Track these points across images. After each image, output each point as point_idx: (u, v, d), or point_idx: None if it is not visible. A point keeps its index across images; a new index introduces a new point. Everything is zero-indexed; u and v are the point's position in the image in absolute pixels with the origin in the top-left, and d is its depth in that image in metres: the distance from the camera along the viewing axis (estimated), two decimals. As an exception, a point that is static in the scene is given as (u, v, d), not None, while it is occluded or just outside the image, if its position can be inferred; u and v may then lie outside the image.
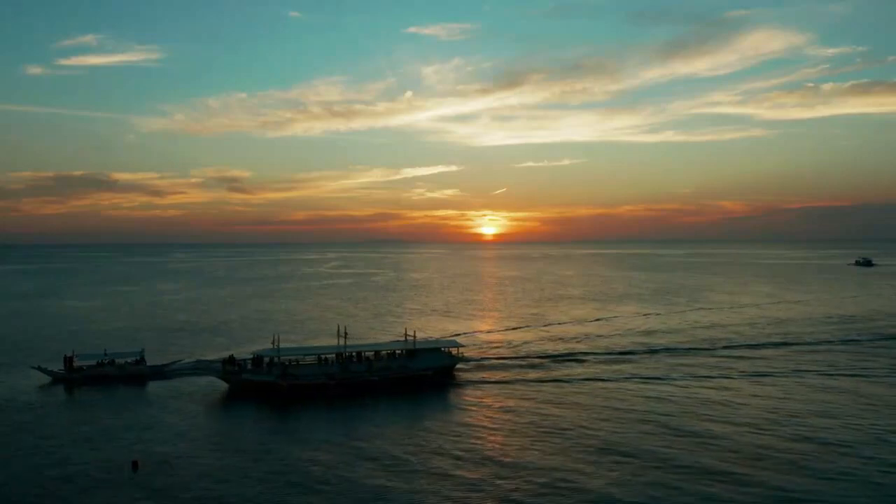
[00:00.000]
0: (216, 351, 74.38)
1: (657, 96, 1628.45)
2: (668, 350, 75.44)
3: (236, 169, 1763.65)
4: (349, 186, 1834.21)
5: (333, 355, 60.49)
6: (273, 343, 61.14)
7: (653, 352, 74.33)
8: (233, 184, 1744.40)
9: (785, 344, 78.27)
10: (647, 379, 60.34)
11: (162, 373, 62.52)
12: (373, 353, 61.84)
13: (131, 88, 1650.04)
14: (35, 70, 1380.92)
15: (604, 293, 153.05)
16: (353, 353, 60.57)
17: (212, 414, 50.85)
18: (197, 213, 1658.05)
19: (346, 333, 61.69)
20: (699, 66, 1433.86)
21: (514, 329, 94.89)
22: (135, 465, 38.03)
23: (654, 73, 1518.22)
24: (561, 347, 77.53)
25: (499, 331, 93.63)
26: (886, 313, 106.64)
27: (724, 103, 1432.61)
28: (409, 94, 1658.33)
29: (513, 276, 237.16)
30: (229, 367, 57.47)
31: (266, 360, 58.20)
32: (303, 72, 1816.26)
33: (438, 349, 63.92)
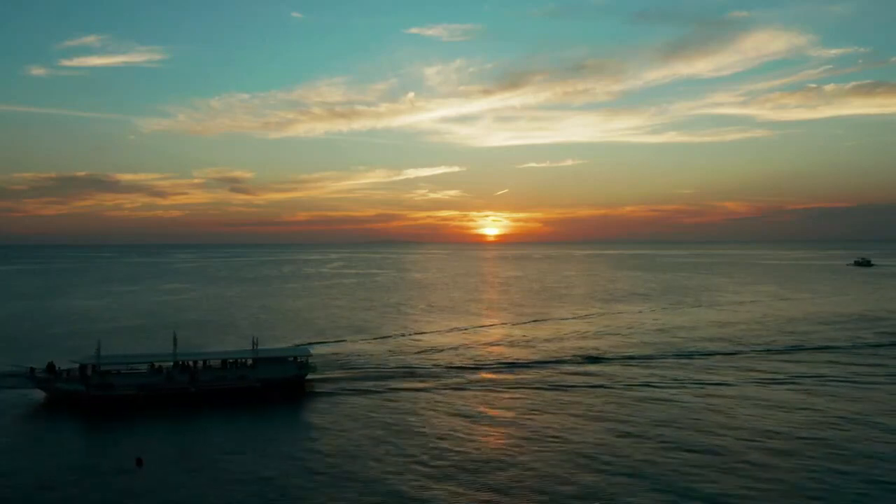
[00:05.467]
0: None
1: (659, 97, 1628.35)
2: (650, 356, 76.02)
3: (238, 170, 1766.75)
4: (351, 187, 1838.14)
5: (171, 363, 55.73)
6: (97, 349, 56.59)
7: (655, 356, 74.83)
8: (235, 184, 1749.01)
9: (778, 347, 78.69)
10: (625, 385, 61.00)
11: None
12: (220, 361, 57.57)
13: (133, 89, 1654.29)
14: (37, 71, 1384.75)
15: (579, 293, 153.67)
16: (188, 363, 56.38)
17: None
18: (199, 214, 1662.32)
19: (175, 340, 57.60)
20: (701, 66, 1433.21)
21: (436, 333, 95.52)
22: (139, 462, 38.87)
23: (657, 74, 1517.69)
24: (459, 355, 73.53)
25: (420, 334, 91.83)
26: (883, 314, 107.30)
27: (727, 104, 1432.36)
28: (411, 95, 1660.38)
29: (511, 276, 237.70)
30: (42, 375, 53.82)
31: (89, 367, 54.11)
32: (305, 73, 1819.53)
33: (284, 359, 59.47)
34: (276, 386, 56.68)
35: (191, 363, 56.58)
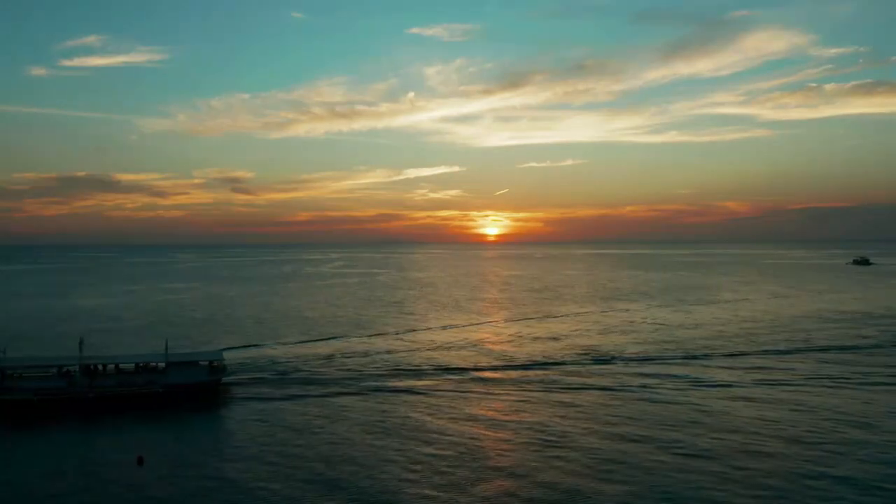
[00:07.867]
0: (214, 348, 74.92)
1: (660, 97, 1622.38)
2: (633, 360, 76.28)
3: (239, 170, 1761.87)
4: (352, 187, 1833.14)
5: (77, 367, 54.19)
6: (2, 350, 55.30)
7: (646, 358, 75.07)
8: (236, 184, 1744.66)
9: (770, 347, 78.65)
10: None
11: None
12: (133, 365, 56.35)
13: (134, 89, 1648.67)
14: (38, 71, 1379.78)
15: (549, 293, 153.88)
16: (97, 366, 54.92)
17: None
18: (200, 214, 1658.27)
19: (81, 342, 56.00)
20: (702, 66, 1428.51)
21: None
22: (140, 460, 39.17)
23: (657, 74, 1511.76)
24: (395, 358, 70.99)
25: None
26: (881, 312, 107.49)
27: (727, 104, 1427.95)
28: (411, 94, 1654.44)
29: (512, 275, 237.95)
30: None
31: None
32: (305, 73, 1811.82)
33: (197, 363, 57.56)
34: (187, 391, 54.96)
35: (100, 367, 55.12)
